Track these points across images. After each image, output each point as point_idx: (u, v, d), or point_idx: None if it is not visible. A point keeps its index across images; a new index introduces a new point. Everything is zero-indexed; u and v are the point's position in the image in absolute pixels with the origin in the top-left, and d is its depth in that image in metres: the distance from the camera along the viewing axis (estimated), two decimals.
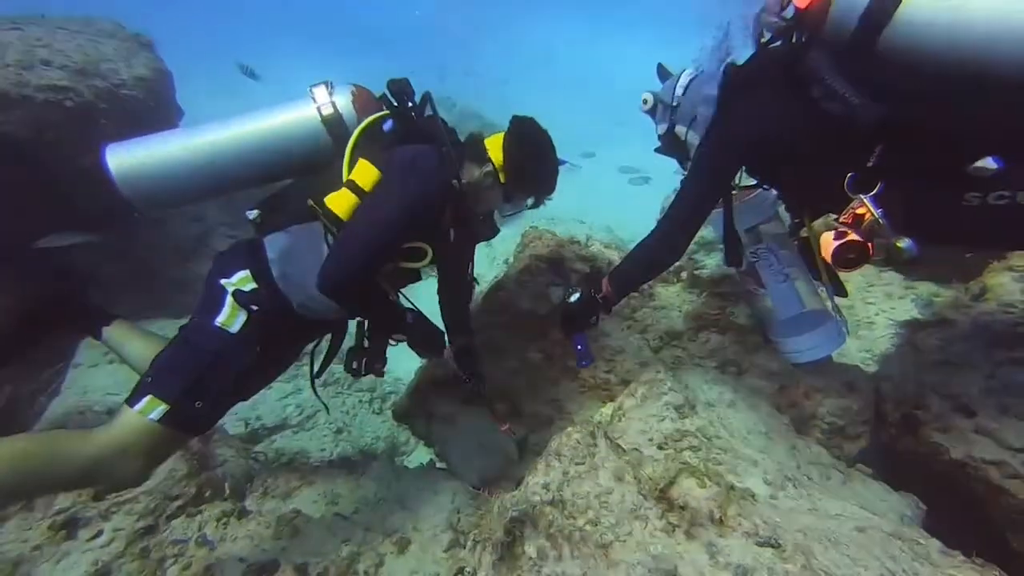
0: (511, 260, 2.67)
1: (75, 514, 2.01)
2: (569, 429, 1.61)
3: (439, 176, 1.79)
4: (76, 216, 3.63)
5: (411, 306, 2.01)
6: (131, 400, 1.66)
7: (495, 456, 2.55)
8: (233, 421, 3.52)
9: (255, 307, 1.77)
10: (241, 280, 1.80)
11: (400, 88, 1.92)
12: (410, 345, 1.97)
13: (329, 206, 1.71)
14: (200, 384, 1.69)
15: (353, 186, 1.73)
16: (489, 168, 1.91)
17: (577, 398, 2.46)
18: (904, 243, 1.44)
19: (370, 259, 1.71)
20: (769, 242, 2.15)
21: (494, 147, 1.93)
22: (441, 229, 1.94)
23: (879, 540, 1.28)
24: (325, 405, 2.45)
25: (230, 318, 1.76)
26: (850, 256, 1.47)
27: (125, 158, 1.79)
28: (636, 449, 1.65)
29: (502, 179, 1.92)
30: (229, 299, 1.78)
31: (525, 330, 2.47)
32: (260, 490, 2.31)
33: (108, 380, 3.42)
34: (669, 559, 1.26)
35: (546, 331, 2.46)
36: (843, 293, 1.97)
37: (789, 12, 1.52)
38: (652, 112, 2.08)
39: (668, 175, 2.42)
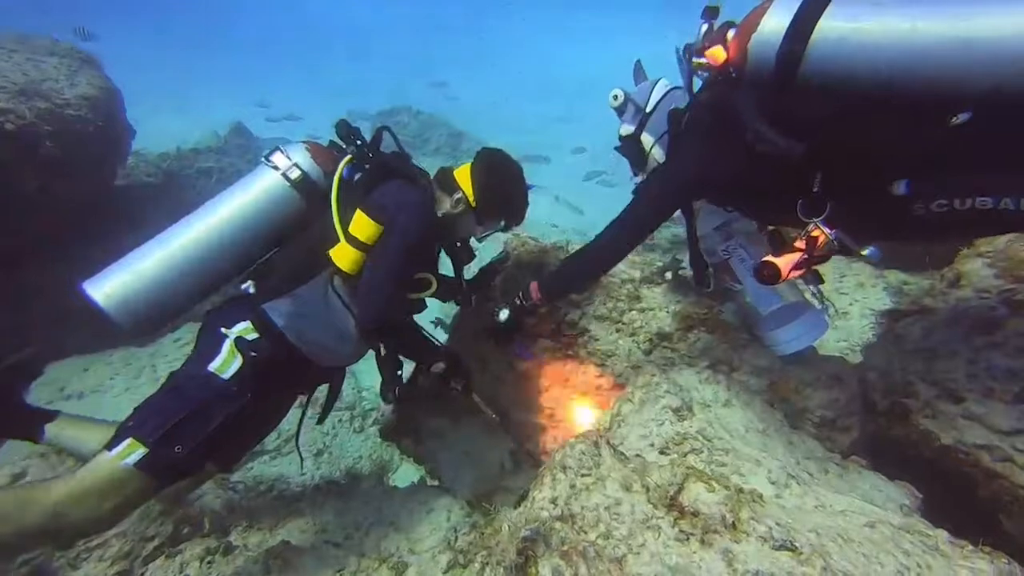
0: None
1: (41, 565, 1.85)
2: (571, 440, 1.57)
3: (427, 208, 1.91)
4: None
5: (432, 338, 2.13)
6: (110, 445, 1.59)
7: (488, 468, 2.49)
8: None
9: (254, 353, 1.73)
10: (244, 330, 1.77)
11: (348, 130, 1.99)
12: (443, 375, 2.04)
13: (335, 260, 1.79)
14: (182, 429, 1.62)
15: (353, 240, 1.79)
16: (460, 195, 2.00)
17: (569, 405, 2.42)
18: (867, 251, 1.55)
19: (395, 288, 1.82)
20: (740, 238, 2.18)
21: (462, 176, 2.03)
22: (436, 259, 2.08)
23: (890, 535, 1.28)
24: (301, 457, 2.40)
25: (225, 364, 1.72)
26: (764, 273, 1.58)
27: (111, 291, 1.69)
28: (639, 455, 1.62)
29: (473, 204, 2.00)
30: (228, 344, 1.74)
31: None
32: (244, 522, 2.19)
33: None
34: (686, 569, 1.23)
35: (533, 338, 2.42)
36: (820, 281, 2.00)
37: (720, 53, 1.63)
38: (620, 110, 2.10)
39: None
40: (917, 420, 1.85)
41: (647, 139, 2.00)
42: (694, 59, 1.66)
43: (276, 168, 1.85)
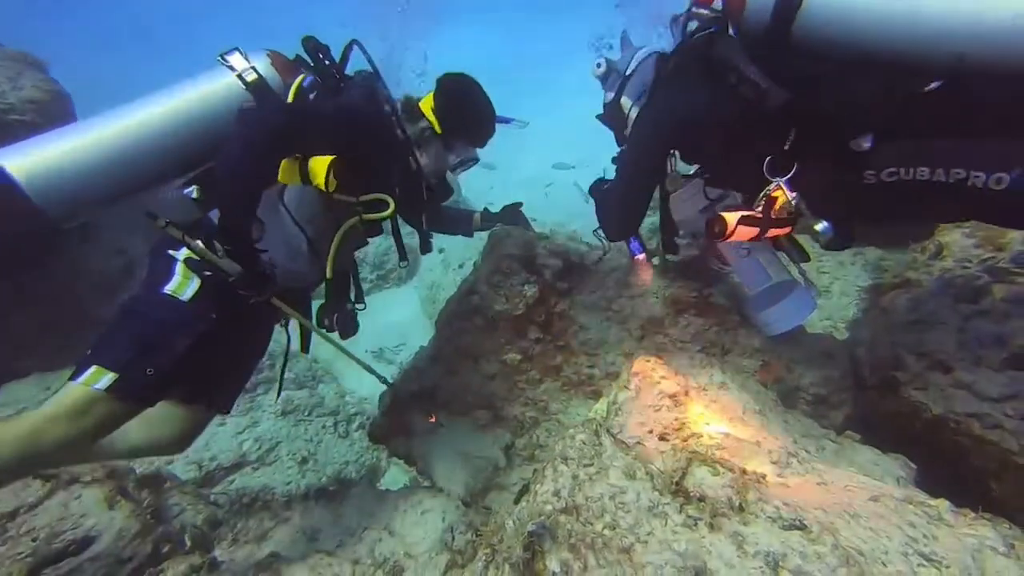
0: (478, 262, 2.56)
1: None
2: (571, 430, 1.53)
3: (376, 107, 1.79)
4: None
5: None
6: (74, 375, 1.53)
7: (481, 465, 2.44)
8: (184, 464, 3.20)
9: (209, 272, 1.61)
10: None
11: (315, 45, 1.87)
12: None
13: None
14: (150, 351, 1.57)
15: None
16: (424, 123, 1.93)
17: (561, 397, 2.39)
18: (820, 226, 1.57)
19: (278, 128, 1.55)
20: None
21: (425, 104, 1.95)
22: (393, 181, 1.86)
23: (894, 507, 1.28)
24: (280, 386, 2.21)
25: (181, 286, 1.64)
26: (713, 229, 1.60)
27: (31, 164, 1.52)
28: (640, 443, 1.59)
29: (438, 130, 1.92)
30: (180, 267, 1.65)
31: (501, 332, 2.37)
32: (229, 537, 2.10)
33: None
34: (696, 554, 1.20)
35: (523, 331, 2.37)
36: (806, 258, 2.01)
37: (717, 4, 1.66)
38: (604, 78, 2.11)
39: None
40: (907, 392, 1.86)
41: (625, 102, 1.98)
42: (693, 8, 1.68)
43: (232, 68, 1.72)
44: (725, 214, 1.58)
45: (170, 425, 1.84)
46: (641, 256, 2.12)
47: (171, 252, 1.68)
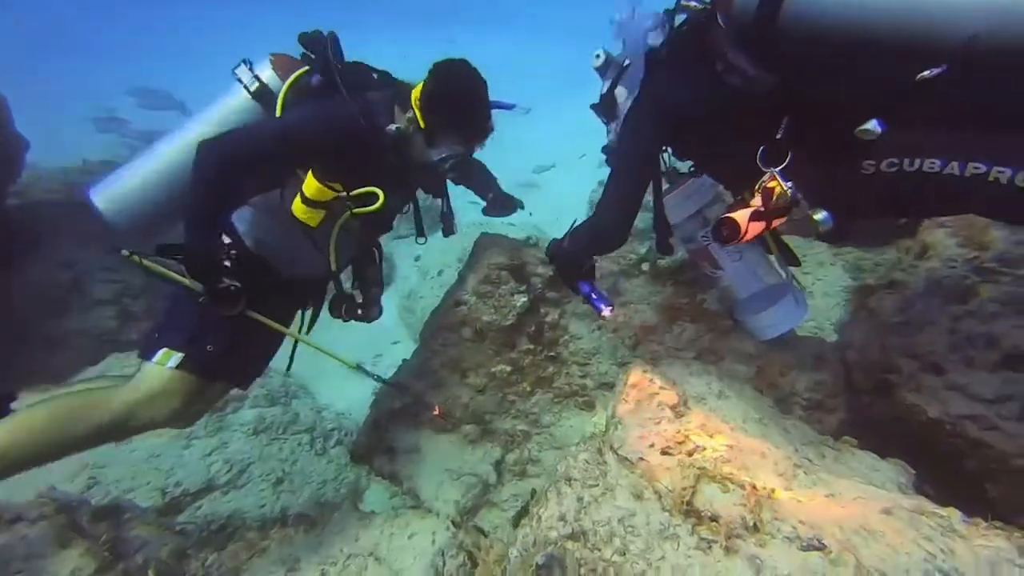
0: (463, 271, 2.47)
1: None
2: (573, 448, 1.46)
3: (345, 117, 1.76)
4: None
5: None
6: (146, 354, 1.75)
7: (470, 482, 2.35)
8: (146, 492, 2.99)
9: (234, 252, 1.73)
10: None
11: (313, 40, 1.96)
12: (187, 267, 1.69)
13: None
14: (207, 330, 1.76)
15: None
16: (410, 114, 1.83)
17: (553, 408, 2.32)
18: (820, 215, 1.51)
19: (240, 148, 1.70)
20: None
21: (415, 93, 1.85)
22: (386, 173, 1.85)
23: (907, 520, 1.25)
24: (291, 362, 2.09)
25: None
26: (723, 232, 1.54)
27: (108, 195, 1.87)
28: (643, 458, 1.53)
29: (421, 124, 1.81)
30: None
31: (490, 343, 2.29)
32: (201, 572, 1.94)
33: None
34: None
35: (513, 342, 2.29)
36: (795, 263, 1.99)
37: None
38: (603, 70, 2.02)
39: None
40: (902, 395, 1.86)
41: (620, 92, 1.91)
42: (681, 1, 1.65)
43: (240, 81, 1.90)
44: (733, 214, 1.51)
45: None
46: (608, 311, 1.90)
47: None
